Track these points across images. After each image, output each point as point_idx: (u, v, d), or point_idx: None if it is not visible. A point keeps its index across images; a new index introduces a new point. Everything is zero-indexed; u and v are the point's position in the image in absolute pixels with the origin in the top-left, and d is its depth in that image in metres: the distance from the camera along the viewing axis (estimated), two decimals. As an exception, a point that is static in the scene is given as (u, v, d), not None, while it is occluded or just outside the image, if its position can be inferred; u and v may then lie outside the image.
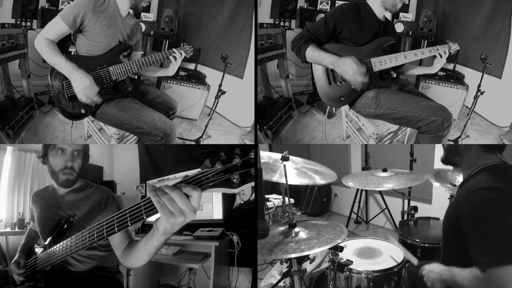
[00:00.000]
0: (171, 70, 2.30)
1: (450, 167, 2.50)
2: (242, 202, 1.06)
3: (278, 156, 2.05)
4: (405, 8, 3.03)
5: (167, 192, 1.00)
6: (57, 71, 2.07)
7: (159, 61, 2.20)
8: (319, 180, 2.03)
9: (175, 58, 2.25)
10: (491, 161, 1.36)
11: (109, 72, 2.10)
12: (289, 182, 1.88)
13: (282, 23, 3.05)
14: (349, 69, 2.12)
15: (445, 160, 1.54)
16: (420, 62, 3.10)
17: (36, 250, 1.68)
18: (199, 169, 1.06)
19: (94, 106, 2.12)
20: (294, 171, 2.03)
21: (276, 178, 1.95)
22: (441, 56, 2.20)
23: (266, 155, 2.12)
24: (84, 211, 1.71)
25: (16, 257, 1.71)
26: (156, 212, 1.06)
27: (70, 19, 1.98)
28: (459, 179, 2.47)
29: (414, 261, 1.79)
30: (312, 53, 2.18)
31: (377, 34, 2.21)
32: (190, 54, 2.32)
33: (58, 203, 1.76)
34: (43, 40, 2.00)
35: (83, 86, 2.02)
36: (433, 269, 1.46)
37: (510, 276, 1.13)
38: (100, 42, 2.08)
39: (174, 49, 2.25)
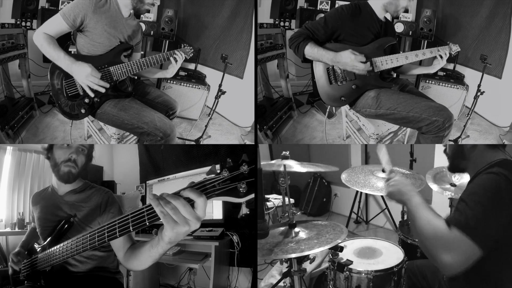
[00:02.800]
0: (170, 72, 2.28)
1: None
2: (248, 212, 1.05)
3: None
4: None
5: (170, 201, 0.97)
6: (58, 70, 2.07)
7: (159, 62, 2.20)
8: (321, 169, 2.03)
9: (175, 60, 2.22)
10: (499, 157, 1.35)
11: (110, 72, 2.10)
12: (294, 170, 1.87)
13: (282, 23, 3.05)
14: (348, 60, 2.14)
15: (452, 168, 1.51)
16: (420, 62, 3.10)
17: (36, 248, 1.68)
18: (200, 169, 1.05)
19: (99, 98, 2.12)
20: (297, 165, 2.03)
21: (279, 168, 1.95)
22: (441, 57, 2.20)
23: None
24: (84, 212, 1.70)
25: (16, 250, 1.72)
26: (159, 219, 1.04)
27: (70, 18, 1.98)
28: (459, 178, 2.47)
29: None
30: (311, 50, 2.18)
31: (378, 35, 2.21)
32: (191, 55, 2.31)
33: (58, 203, 1.75)
34: (42, 35, 2.00)
35: (85, 75, 2.03)
36: (407, 186, 1.40)
37: (465, 249, 1.13)
38: (101, 42, 2.08)
39: (176, 51, 2.23)
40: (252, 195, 0.98)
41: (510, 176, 1.21)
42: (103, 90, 2.09)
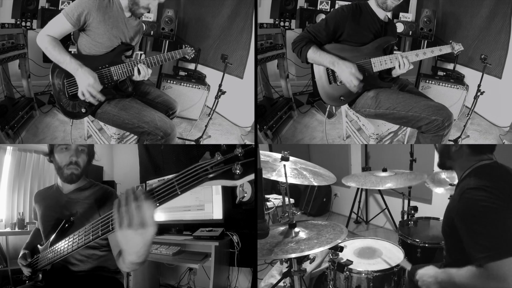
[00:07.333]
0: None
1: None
2: (245, 194, 1.03)
3: (278, 155, 2.05)
4: (405, 8, 3.04)
5: (123, 203, 1.00)
6: (59, 70, 2.07)
7: (159, 63, 2.20)
8: (317, 182, 2.03)
9: (138, 71, 2.13)
10: (481, 161, 1.38)
11: (111, 72, 2.10)
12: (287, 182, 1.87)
13: (282, 23, 3.05)
14: (347, 70, 2.15)
15: (440, 165, 1.56)
16: (420, 63, 3.10)
17: (39, 248, 1.69)
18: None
19: (95, 105, 2.12)
20: (293, 172, 2.03)
21: (274, 177, 1.95)
22: (399, 67, 2.16)
23: (266, 154, 2.12)
24: (86, 208, 1.71)
25: (21, 254, 1.73)
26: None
27: (74, 17, 1.98)
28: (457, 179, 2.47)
29: (408, 266, 1.77)
30: (313, 54, 2.21)
31: (378, 35, 2.21)
32: (192, 56, 2.32)
33: (62, 201, 1.76)
34: (45, 38, 2.00)
35: (87, 84, 2.03)
36: (427, 273, 1.45)
37: (509, 269, 1.14)
38: (102, 42, 2.08)
39: (140, 63, 2.12)
40: (248, 177, 0.94)
41: (486, 182, 1.25)
42: (95, 103, 2.10)
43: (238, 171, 0.93)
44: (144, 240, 1.02)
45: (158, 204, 1.03)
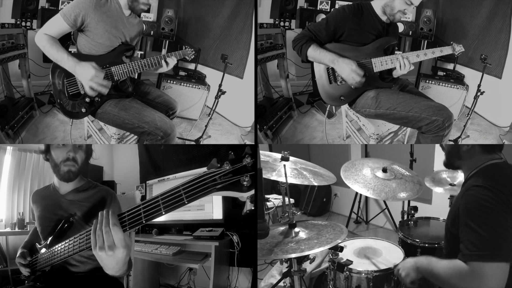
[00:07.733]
0: (162, 69, 2.27)
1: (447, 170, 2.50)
2: (252, 208, 1.00)
3: (278, 155, 2.05)
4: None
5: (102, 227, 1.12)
6: (59, 70, 2.07)
7: (160, 63, 2.20)
8: (317, 182, 2.02)
9: (167, 63, 2.20)
10: (491, 160, 1.37)
11: (112, 72, 2.10)
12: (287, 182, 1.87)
13: (282, 23, 3.05)
14: (348, 67, 2.15)
15: (447, 164, 1.54)
16: (421, 63, 3.10)
17: (37, 247, 1.68)
18: (200, 169, 1.03)
19: (104, 95, 2.11)
20: (293, 172, 2.02)
21: (274, 177, 1.95)
22: (400, 68, 2.16)
23: (266, 154, 2.12)
24: (85, 211, 1.70)
25: (19, 252, 1.71)
26: (157, 216, 1.07)
27: (71, 18, 1.98)
28: (458, 179, 2.47)
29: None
30: (313, 52, 2.20)
31: (379, 35, 2.21)
32: (192, 57, 2.32)
33: (59, 202, 1.75)
34: (43, 37, 2.00)
35: (89, 77, 2.02)
36: (408, 260, 1.48)
37: (492, 273, 1.14)
38: (102, 42, 2.08)
39: (171, 54, 2.21)
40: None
41: (493, 183, 1.24)
42: (105, 92, 2.08)
43: (246, 183, 0.92)
44: (116, 259, 1.14)
45: (128, 228, 1.12)
